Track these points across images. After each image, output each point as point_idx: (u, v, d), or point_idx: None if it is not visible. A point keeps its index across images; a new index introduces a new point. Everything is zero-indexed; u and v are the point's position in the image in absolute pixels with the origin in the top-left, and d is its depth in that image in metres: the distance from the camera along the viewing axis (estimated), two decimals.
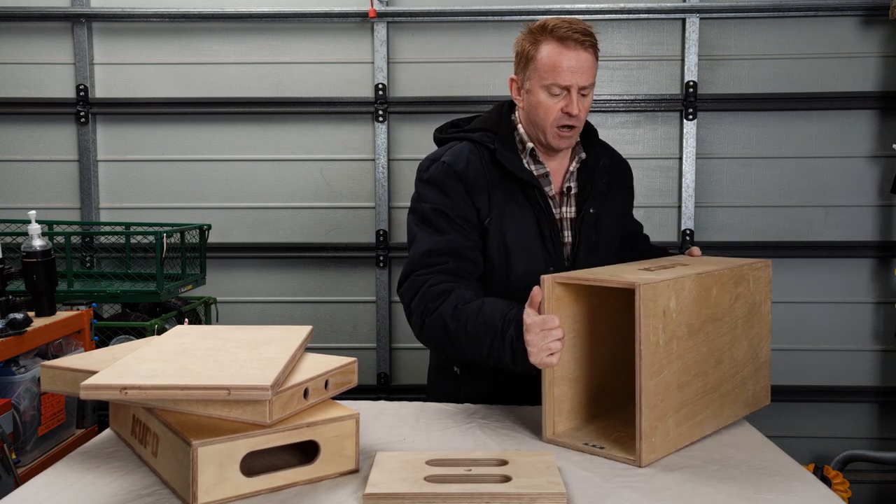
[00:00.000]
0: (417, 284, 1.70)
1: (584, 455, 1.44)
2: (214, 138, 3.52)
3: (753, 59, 3.41)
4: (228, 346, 1.39)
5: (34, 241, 2.25)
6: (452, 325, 1.62)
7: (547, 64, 1.73)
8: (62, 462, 1.42)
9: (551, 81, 1.72)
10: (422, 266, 1.72)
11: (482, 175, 1.78)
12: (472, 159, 1.79)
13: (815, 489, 1.29)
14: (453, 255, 1.73)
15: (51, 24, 3.47)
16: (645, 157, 3.45)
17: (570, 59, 1.71)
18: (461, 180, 1.76)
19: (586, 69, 1.73)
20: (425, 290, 1.68)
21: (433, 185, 1.78)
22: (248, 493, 1.23)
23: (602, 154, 1.94)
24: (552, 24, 1.74)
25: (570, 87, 1.72)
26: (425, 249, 1.73)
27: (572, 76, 1.71)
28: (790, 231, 3.44)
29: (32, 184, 3.53)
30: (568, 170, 1.88)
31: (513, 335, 1.52)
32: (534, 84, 1.76)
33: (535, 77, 1.75)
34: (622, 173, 2.02)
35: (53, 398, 2.23)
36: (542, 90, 1.74)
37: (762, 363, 1.70)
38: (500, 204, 1.77)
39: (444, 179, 1.77)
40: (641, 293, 1.34)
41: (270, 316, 3.55)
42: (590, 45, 1.73)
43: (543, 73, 1.73)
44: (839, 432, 3.47)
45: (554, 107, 1.74)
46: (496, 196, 1.77)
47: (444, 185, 1.77)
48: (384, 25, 3.40)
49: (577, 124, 1.77)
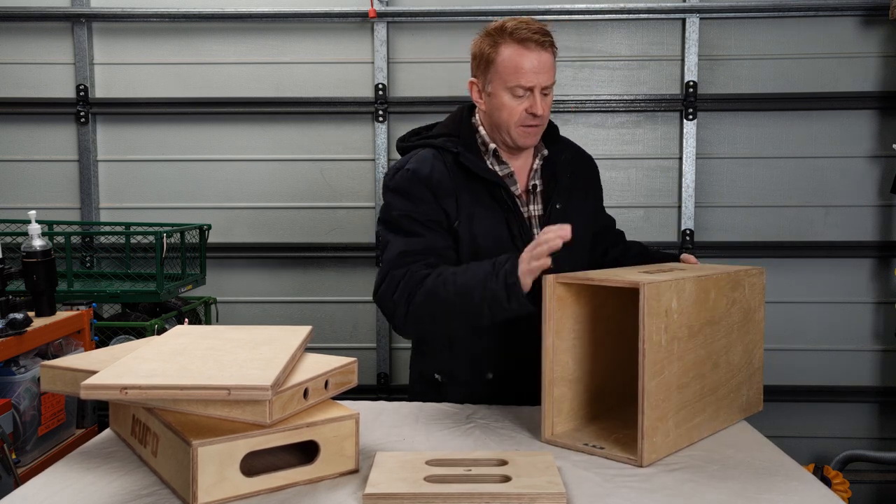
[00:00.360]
0: (396, 279, 1.69)
1: (583, 455, 1.44)
2: (214, 138, 3.52)
3: (753, 59, 3.41)
4: (228, 346, 1.39)
5: (34, 241, 2.25)
6: (441, 289, 1.62)
7: (509, 66, 1.75)
8: (62, 462, 1.42)
9: (515, 83, 1.74)
10: (398, 266, 1.71)
11: (447, 178, 1.78)
12: (436, 164, 1.80)
13: (815, 489, 1.29)
14: (431, 254, 1.73)
15: (51, 24, 3.47)
16: (645, 157, 3.45)
17: (532, 60, 1.73)
18: (427, 186, 1.77)
19: (547, 69, 1.76)
20: (408, 278, 1.67)
21: (399, 192, 1.79)
22: (248, 493, 1.23)
23: (564, 149, 1.95)
24: (510, 25, 1.76)
25: (534, 87, 1.75)
26: (401, 251, 1.72)
27: (535, 77, 1.74)
28: (790, 231, 3.44)
29: (32, 184, 3.53)
30: (532, 168, 1.89)
31: (507, 269, 1.54)
32: (496, 86, 1.78)
33: (497, 79, 1.77)
34: (586, 167, 2.01)
35: (53, 398, 2.23)
36: (506, 92, 1.76)
37: (755, 369, 1.71)
38: (467, 206, 1.78)
39: (409, 186, 1.78)
40: (646, 292, 1.34)
41: (270, 316, 3.54)
42: (549, 45, 1.77)
43: (506, 75, 1.75)
44: (839, 432, 3.47)
45: (518, 108, 1.76)
46: (463, 199, 1.78)
47: (410, 192, 1.77)
48: (384, 25, 3.40)
49: (541, 123, 1.81)
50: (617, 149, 3.45)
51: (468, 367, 1.86)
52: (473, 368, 1.86)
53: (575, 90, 3.42)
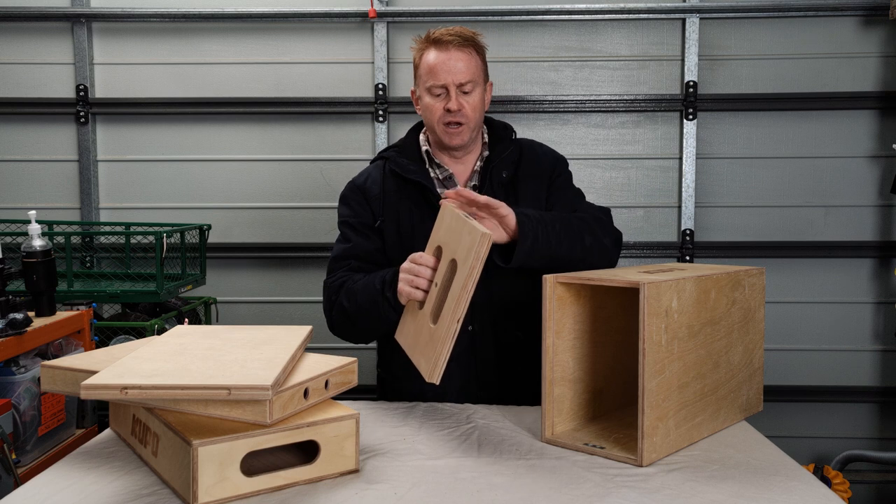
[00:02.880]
0: (325, 288, 1.90)
1: (584, 455, 1.44)
2: (214, 138, 3.52)
3: (753, 59, 3.41)
4: (228, 345, 1.40)
5: (34, 241, 2.25)
6: (348, 303, 1.80)
7: (425, 67, 1.87)
8: (62, 462, 1.42)
9: (431, 83, 1.85)
10: (329, 272, 1.92)
11: (377, 184, 1.95)
12: (373, 173, 1.98)
13: (815, 489, 1.29)
14: (354, 257, 1.89)
15: (51, 24, 3.47)
16: (645, 157, 3.45)
17: (443, 58, 1.83)
18: (360, 191, 1.96)
19: (461, 67, 1.84)
20: (329, 288, 1.87)
21: (342, 201, 2.00)
22: (249, 493, 1.23)
23: (507, 149, 1.95)
24: (435, 33, 1.88)
25: (447, 85, 1.84)
26: (333, 257, 1.93)
27: (447, 75, 1.83)
28: (790, 231, 3.44)
29: (32, 184, 3.53)
30: (473, 170, 1.95)
31: (389, 296, 1.68)
32: (420, 89, 1.91)
33: (420, 82, 1.90)
34: (536, 163, 1.98)
35: (53, 398, 2.23)
36: (426, 93, 1.88)
37: (755, 369, 1.71)
38: (393, 205, 1.92)
39: (347, 194, 1.99)
40: (646, 292, 1.34)
41: (270, 316, 3.54)
42: (465, 45, 1.85)
43: (424, 76, 1.87)
44: (839, 432, 3.47)
45: (437, 106, 1.86)
46: (389, 199, 1.92)
47: (348, 199, 1.98)
48: (384, 25, 3.40)
49: (463, 120, 1.86)
50: (617, 149, 3.45)
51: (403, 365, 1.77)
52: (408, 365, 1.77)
53: (575, 90, 3.42)
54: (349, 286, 1.82)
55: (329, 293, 1.88)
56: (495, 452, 1.46)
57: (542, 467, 1.38)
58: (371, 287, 1.74)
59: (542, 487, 1.29)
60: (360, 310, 1.77)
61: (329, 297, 1.88)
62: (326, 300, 1.90)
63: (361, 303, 1.76)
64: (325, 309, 1.91)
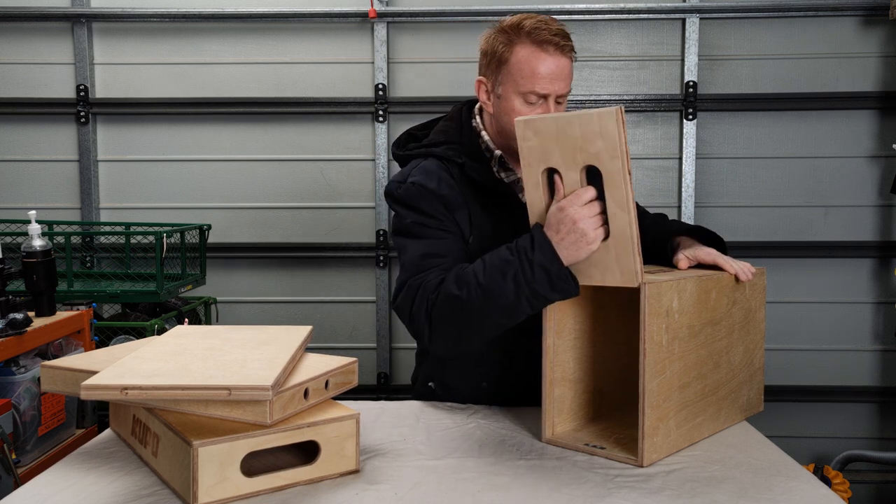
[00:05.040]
0: (414, 287, 1.55)
1: (584, 455, 1.44)
2: (214, 138, 3.52)
3: (753, 59, 3.41)
4: (228, 346, 1.39)
5: (34, 241, 2.25)
6: (462, 291, 1.45)
7: (525, 70, 1.60)
8: (62, 462, 1.42)
9: (529, 89, 1.60)
10: (417, 271, 1.58)
11: (457, 192, 1.67)
12: (442, 176, 1.67)
13: (815, 489, 1.29)
14: (449, 256, 1.60)
15: (51, 24, 3.47)
16: (645, 157, 3.45)
17: (550, 65, 1.60)
18: (438, 199, 1.65)
19: (565, 76, 1.63)
20: (423, 287, 1.54)
21: (410, 206, 1.66)
22: (249, 494, 1.22)
23: None
24: (529, 24, 1.62)
25: (549, 95, 1.62)
26: (419, 253, 1.60)
27: (551, 84, 1.61)
28: (790, 231, 3.44)
29: (32, 184, 3.53)
30: None
31: (533, 258, 1.37)
32: (507, 90, 1.64)
33: (510, 82, 1.63)
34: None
35: (53, 398, 2.23)
36: (518, 97, 1.62)
37: (756, 369, 1.71)
38: (479, 219, 1.67)
39: (419, 199, 1.65)
40: (647, 292, 1.34)
41: (270, 316, 3.54)
42: (569, 50, 1.64)
43: (520, 79, 1.61)
44: (839, 432, 3.48)
45: (529, 113, 1.61)
46: (475, 211, 1.68)
47: (420, 205, 1.65)
48: (384, 25, 3.40)
49: None
50: None
51: (461, 377, 1.78)
52: (467, 378, 1.77)
53: (575, 90, 3.40)
54: (459, 274, 1.48)
55: (423, 292, 1.52)
56: (496, 453, 1.46)
57: (543, 468, 1.38)
58: (504, 262, 1.41)
59: (542, 488, 1.29)
60: (489, 292, 1.42)
61: (424, 297, 1.52)
62: (420, 301, 1.53)
63: (489, 283, 1.42)
64: (418, 312, 1.54)
